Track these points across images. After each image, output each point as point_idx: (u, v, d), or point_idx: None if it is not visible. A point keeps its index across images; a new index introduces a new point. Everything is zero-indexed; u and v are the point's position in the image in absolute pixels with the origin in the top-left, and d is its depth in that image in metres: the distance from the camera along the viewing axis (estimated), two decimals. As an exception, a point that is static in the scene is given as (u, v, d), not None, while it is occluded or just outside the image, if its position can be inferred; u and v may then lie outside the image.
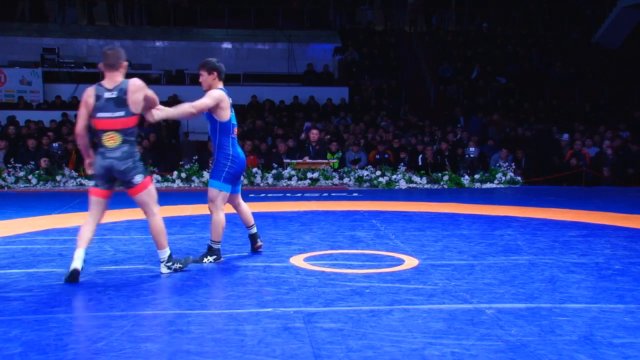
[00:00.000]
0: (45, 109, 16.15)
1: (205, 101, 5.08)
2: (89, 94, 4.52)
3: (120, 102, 4.50)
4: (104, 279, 4.54)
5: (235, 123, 5.24)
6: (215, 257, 5.12)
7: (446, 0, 22.85)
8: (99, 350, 3.08)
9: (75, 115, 16.47)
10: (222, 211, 5.16)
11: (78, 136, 4.60)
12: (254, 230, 5.53)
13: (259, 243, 5.52)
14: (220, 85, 5.24)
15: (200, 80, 5.27)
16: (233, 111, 5.23)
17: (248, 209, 5.49)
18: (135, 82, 4.59)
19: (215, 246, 5.15)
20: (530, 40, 20.86)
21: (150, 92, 4.70)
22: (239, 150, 5.19)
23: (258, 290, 4.22)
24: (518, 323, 3.51)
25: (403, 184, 11.64)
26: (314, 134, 12.49)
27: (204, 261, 5.06)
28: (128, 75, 4.73)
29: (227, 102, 5.13)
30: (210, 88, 5.19)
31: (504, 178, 12.05)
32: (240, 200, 5.42)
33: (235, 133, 5.23)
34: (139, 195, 4.61)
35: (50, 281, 4.44)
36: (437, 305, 3.85)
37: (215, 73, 5.24)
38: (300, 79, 18.90)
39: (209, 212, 5.20)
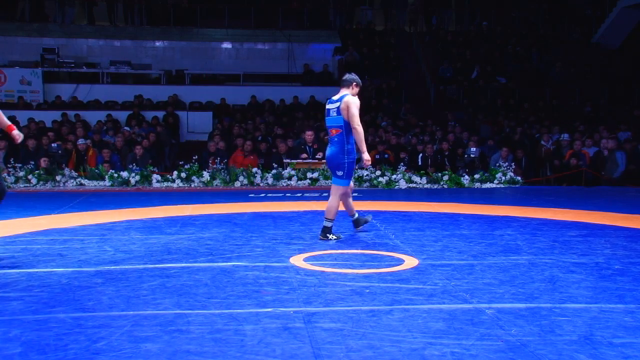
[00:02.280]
0: (45, 109, 16.16)
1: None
2: None
3: None
4: (104, 278, 4.54)
5: (327, 125, 6.30)
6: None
7: (446, 0, 22.85)
8: (99, 350, 3.08)
9: (75, 116, 16.43)
10: (335, 196, 6.24)
11: None
12: (355, 216, 6.56)
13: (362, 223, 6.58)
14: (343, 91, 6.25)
15: None
16: (327, 114, 6.26)
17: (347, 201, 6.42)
18: None
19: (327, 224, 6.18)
20: (530, 40, 20.86)
21: None
22: (328, 148, 6.28)
23: (258, 290, 4.22)
24: (518, 323, 3.51)
25: (403, 184, 11.64)
26: (309, 135, 12.53)
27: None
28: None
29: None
30: None
31: (503, 178, 12.04)
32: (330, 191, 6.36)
33: (329, 134, 6.29)
34: None
35: (50, 281, 4.44)
36: (437, 305, 3.85)
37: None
38: (300, 79, 18.91)
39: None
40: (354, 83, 6.22)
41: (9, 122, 5.36)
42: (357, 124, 6.06)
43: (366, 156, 6.19)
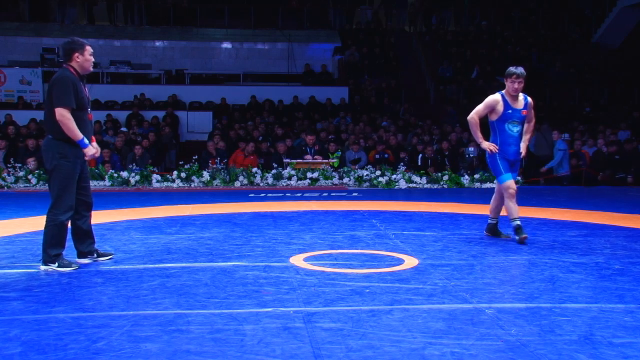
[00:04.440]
0: (45, 109, 16.14)
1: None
2: None
3: None
4: (104, 278, 4.54)
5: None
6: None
7: (446, 0, 22.89)
8: (99, 350, 3.08)
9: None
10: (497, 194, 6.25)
11: None
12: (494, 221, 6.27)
13: (502, 235, 6.19)
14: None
15: (519, 87, 6.08)
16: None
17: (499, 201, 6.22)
18: None
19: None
20: (530, 40, 20.86)
21: None
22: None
23: (258, 290, 4.22)
24: (518, 323, 3.51)
25: (403, 184, 11.64)
26: (310, 139, 12.53)
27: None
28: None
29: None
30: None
31: (503, 178, 12.03)
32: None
33: None
34: None
35: (50, 281, 4.44)
36: (437, 305, 3.85)
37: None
38: (300, 79, 18.92)
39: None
40: (505, 77, 6.11)
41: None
42: (470, 116, 6.06)
43: (483, 145, 6.07)
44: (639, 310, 3.78)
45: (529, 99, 6.09)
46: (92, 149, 4.96)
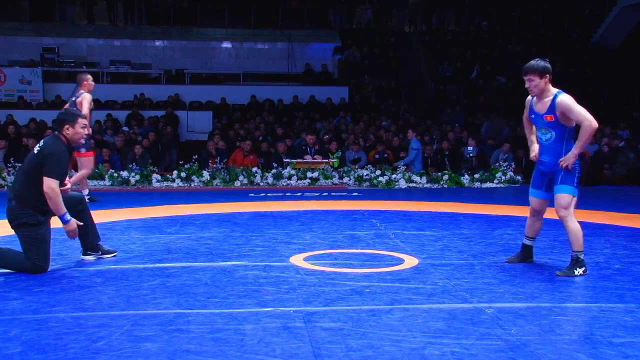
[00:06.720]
0: (45, 109, 16.14)
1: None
2: None
3: None
4: (104, 278, 4.54)
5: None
6: (583, 268, 4.65)
7: (446, 0, 22.90)
8: (99, 350, 3.08)
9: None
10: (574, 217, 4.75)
11: None
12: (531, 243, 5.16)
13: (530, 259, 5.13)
14: (551, 89, 4.70)
15: (529, 86, 4.69)
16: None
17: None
18: None
19: (582, 256, 4.68)
20: (530, 40, 20.86)
21: None
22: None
23: (258, 289, 4.22)
24: (518, 322, 3.51)
25: (403, 184, 11.63)
26: (310, 139, 12.54)
27: (575, 274, 4.61)
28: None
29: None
30: (542, 94, 4.67)
31: (503, 177, 12.04)
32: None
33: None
34: None
35: (50, 281, 4.44)
36: (437, 305, 3.85)
37: (548, 76, 4.65)
38: (300, 79, 18.93)
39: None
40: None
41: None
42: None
43: (530, 152, 5.17)
44: (639, 310, 3.78)
45: (560, 98, 4.63)
46: (73, 224, 4.75)
